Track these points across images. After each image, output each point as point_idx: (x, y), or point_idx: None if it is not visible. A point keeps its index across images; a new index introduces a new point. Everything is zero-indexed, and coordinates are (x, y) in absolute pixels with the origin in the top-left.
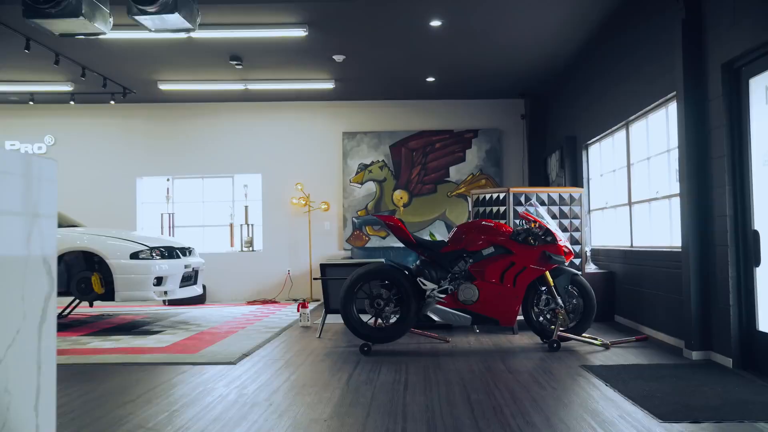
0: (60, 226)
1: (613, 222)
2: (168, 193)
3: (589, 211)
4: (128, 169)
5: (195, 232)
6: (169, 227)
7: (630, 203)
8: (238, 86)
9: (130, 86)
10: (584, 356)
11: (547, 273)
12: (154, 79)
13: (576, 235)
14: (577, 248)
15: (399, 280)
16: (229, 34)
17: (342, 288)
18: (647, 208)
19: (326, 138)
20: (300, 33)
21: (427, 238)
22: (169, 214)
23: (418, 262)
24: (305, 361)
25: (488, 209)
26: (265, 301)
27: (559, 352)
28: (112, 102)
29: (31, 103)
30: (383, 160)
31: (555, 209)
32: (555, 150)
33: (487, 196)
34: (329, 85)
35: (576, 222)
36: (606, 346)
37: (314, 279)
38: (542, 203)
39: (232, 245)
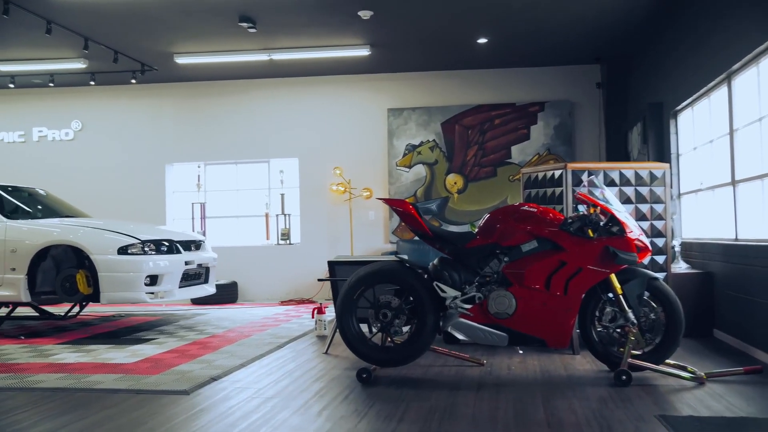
0: (61, 216)
1: (711, 207)
2: (199, 180)
3: (679, 195)
4: (157, 155)
5: (228, 223)
6: (201, 218)
7: (733, 182)
8: (262, 57)
9: (145, 60)
10: (665, 397)
11: (613, 276)
12: (169, 51)
13: (658, 224)
14: (660, 242)
15: (412, 285)
16: None
17: (339, 294)
18: (759, 187)
19: (369, 116)
20: None
21: (463, 230)
22: (201, 203)
23: (435, 261)
24: (282, 391)
25: (542, 191)
26: (300, 301)
27: (628, 389)
28: (133, 81)
29: (51, 84)
30: (434, 140)
31: (629, 191)
32: (637, 122)
33: (540, 175)
34: (364, 52)
35: (658, 208)
36: (700, 380)
37: (319, 280)
38: (611, 184)
39: (267, 238)
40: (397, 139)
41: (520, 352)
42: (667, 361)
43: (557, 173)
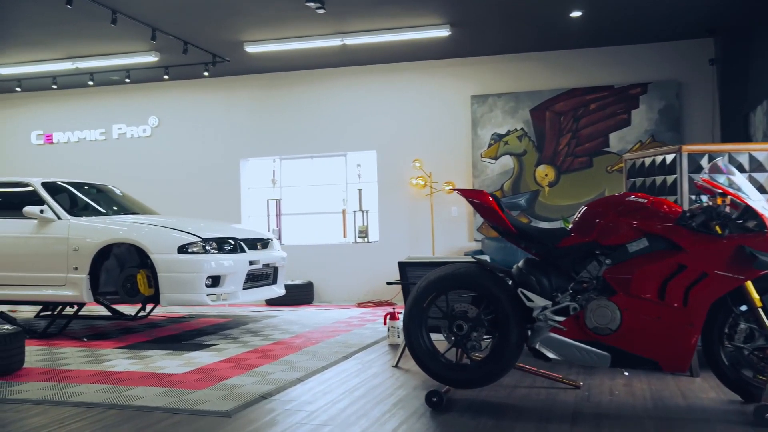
0: (129, 213)
1: None
2: (274, 176)
3: None
4: (231, 150)
5: (304, 220)
6: (276, 215)
7: None
8: (334, 42)
9: (214, 50)
10: None
11: (749, 284)
12: (238, 39)
13: None
14: None
15: (492, 292)
16: None
17: (407, 302)
18: None
19: (450, 104)
20: None
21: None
22: (276, 200)
23: (520, 264)
24: (337, 416)
25: (649, 180)
26: (378, 303)
27: None
28: (206, 74)
29: (127, 80)
30: (522, 129)
31: (761, 178)
32: (761, 101)
33: (647, 161)
34: (443, 32)
35: None
36: None
37: (389, 284)
38: (738, 171)
39: (345, 235)
40: (481, 128)
41: (626, 373)
42: None
43: (669, 158)
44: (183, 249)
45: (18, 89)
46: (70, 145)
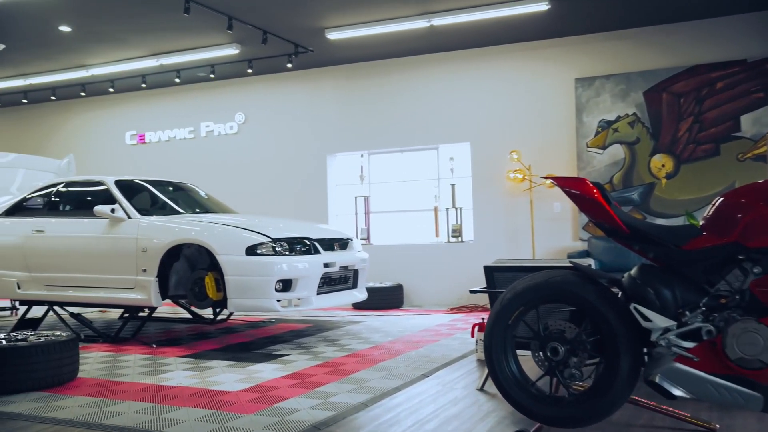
0: (206, 211)
1: None
2: (362, 172)
3: None
4: (318, 145)
5: (394, 218)
6: (365, 213)
7: None
8: (421, 23)
9: (295, 39)
10: None
11: None
12: (318, 26)
13: None
14: None
15: (596, 307)
16: None
17: (489, 317)
18: None
19: (551, 89)
20: None
21: (677, 223)
22: (364, 197)
23: (634, 271)
24: None
25: None
26: (473, 309)
27: None
28: (289, 66)
29: (212, 76)
30: (634, 114)
31: None
32: None
33: None
34: (542, 6)
35: None
36: None
37: (472, 292)
38: None
39: (437, 235)
40: (587, 114)
41: None
42: None
43: None
44: (251, 250)
45: (111, 90)
46: (161, 144)
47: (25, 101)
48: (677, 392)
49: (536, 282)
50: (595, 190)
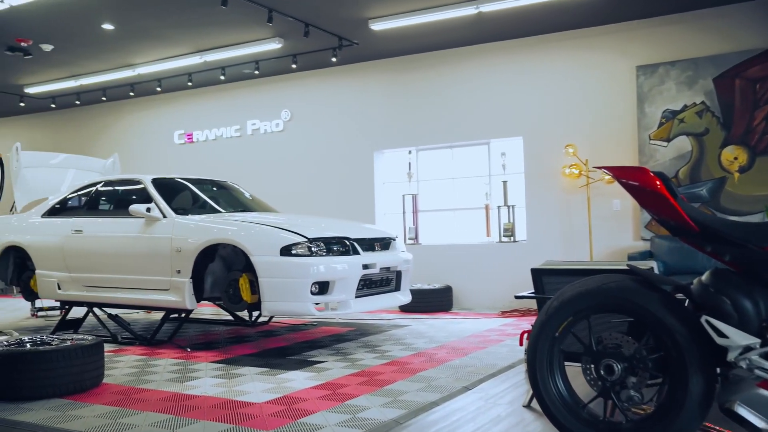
0: (246, 210)
1: None
2: (410, 169)
3: None
4: (364, 141)
5: (443, 217)
6: (413, 212)
7: None
8: (468, 10)
9: (337, 31)
10: None
11: None
12: (362, 17)
13: None
14: None
15: (659, 319)
16: None
17: (533, 328)
18: None
19: (610, 78)
20: None
21: (755, 221)
22: (412, 195)
23: (705, 277)
24: None
25: None
26: (525, 312)
27: None
28: (334, 59)
29: (256, 72)
30: (703, 102)
31: None
32: None
33: None
34: None
35: None
36: None
37: (517, 297)
38: None
39: (488, 234)
40: (649, 104)
41: None
42: None
43: None
44: (286, 250)
45: (158, 89)
46: (208, 143)
47: (77, 102)
48: (762, 425)
49: (587, 288)
50: (657, 182)
